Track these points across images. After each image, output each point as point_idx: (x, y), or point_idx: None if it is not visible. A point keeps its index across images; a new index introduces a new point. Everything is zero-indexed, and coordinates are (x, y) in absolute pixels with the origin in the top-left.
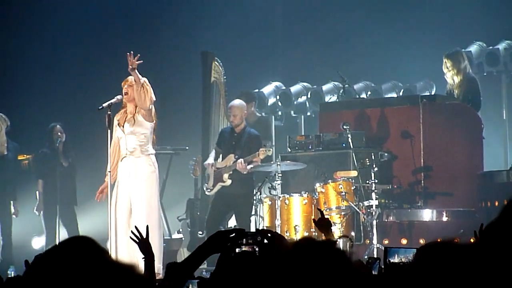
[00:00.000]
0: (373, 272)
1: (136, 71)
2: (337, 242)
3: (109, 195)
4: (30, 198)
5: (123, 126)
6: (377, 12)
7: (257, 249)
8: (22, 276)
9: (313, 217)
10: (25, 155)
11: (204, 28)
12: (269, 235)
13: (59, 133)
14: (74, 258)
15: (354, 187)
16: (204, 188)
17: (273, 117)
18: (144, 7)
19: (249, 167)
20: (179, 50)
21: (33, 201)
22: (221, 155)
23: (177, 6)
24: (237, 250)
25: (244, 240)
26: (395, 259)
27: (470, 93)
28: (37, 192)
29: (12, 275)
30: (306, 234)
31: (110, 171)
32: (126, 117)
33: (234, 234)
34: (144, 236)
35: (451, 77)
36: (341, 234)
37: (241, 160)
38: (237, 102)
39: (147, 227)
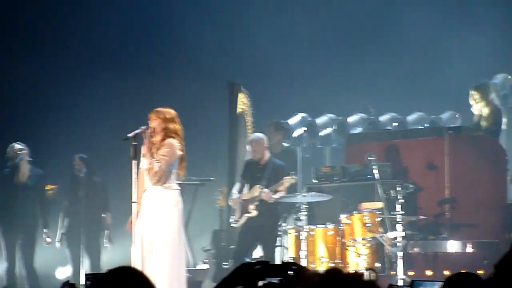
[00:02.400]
0: None
1: (147, 150)
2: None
3: (133, 226)
4: (55, 228)
5: (148, 158)
6: (403, 44)
7: (280, 281)
8: None
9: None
10: (50, 186)
11: (231, 59)
12: (294, 267)
13: (76, 166)
14: None
15: (380, 218)
16: (231, 221)
17: (299, 148)
18: (169, 39)
19: (275, 196)
20: (205, 80)
21: (57, 231)
22: (246, 187)
23: (204, 37)
24: (261, 282)
25: (269, 272)
26: None
27: (496, 124)
28: (60, 218)
29: None
30: (331, 265)
31: (135, 201)
32: (152, 148)
33: (259, 266)
34: None
35: (479, 109)
36: (367, 266)
37: (266, 190)
38: (255, 136)
39: None
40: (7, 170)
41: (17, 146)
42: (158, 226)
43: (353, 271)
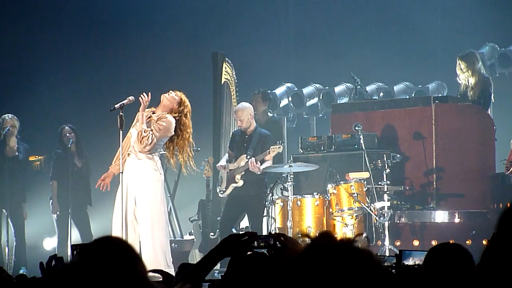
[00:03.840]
0: (387, 263)
1: (143, 116)
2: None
3: (121, 195)
4: (42, 199)
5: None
6: (389, 14)
7: (266, 251)
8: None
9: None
10: (36, 156)
11: (216, 29)
12: (282, 238)
13: (67, 134)
14: (106, 264)
15: (366, 188)
16: (218, 191)
17: (285, 118)
18: (154, 9)
19: (262, 167)
20: (189, 51)
21: (45, 202)
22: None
23: (188, 7)
24: (248, 253)
25: (256, 243)
26: (410, 262)
27: (485, 93)
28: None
29: None
30: None
31: (121, 172)
32: (150, 117)
33: (246, 237)
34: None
35: (466, 79)
36: (357, 232)
37: (252, 159)
38: (241, 106)
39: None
40: None
41: (8, 118)
42: (141, 194)
43: (346, 238)
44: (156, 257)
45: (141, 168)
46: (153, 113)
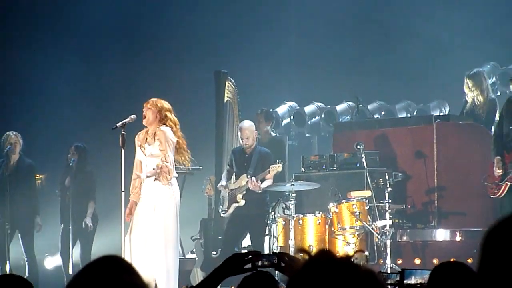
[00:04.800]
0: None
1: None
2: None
3: (122, 215)
4: (43, 217)
5: (144, 148)
6: (390, 32)
7: (270, 270)
8: None
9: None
10: (38, 175)
11: (218, 48)
12: (286, 258)
13: (68, 154)
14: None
15: (368, 207)
16: (220, 211)
17: (287, 137)
18: (158, 27)
19: (262, 186)
20: (192, 69)
21: (45, 220)
22: (233, 176)
23: (191, 25)
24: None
25: (260, 262)
26: (412, 281)
27: (490, 113)
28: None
29: None
30: None
31: (123, 191)
32: (147, 138)
33: (250, 256)
34: None
35: (473, 98)
36: (357, 249)
37: (253, 178)
38: (248, 123)
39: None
40: (0, 160)
41: (12, 135)
42: (155, 218)
43: (344, 255)
44: (168, 275)
45: (156, 187)
46: (147, 132)
